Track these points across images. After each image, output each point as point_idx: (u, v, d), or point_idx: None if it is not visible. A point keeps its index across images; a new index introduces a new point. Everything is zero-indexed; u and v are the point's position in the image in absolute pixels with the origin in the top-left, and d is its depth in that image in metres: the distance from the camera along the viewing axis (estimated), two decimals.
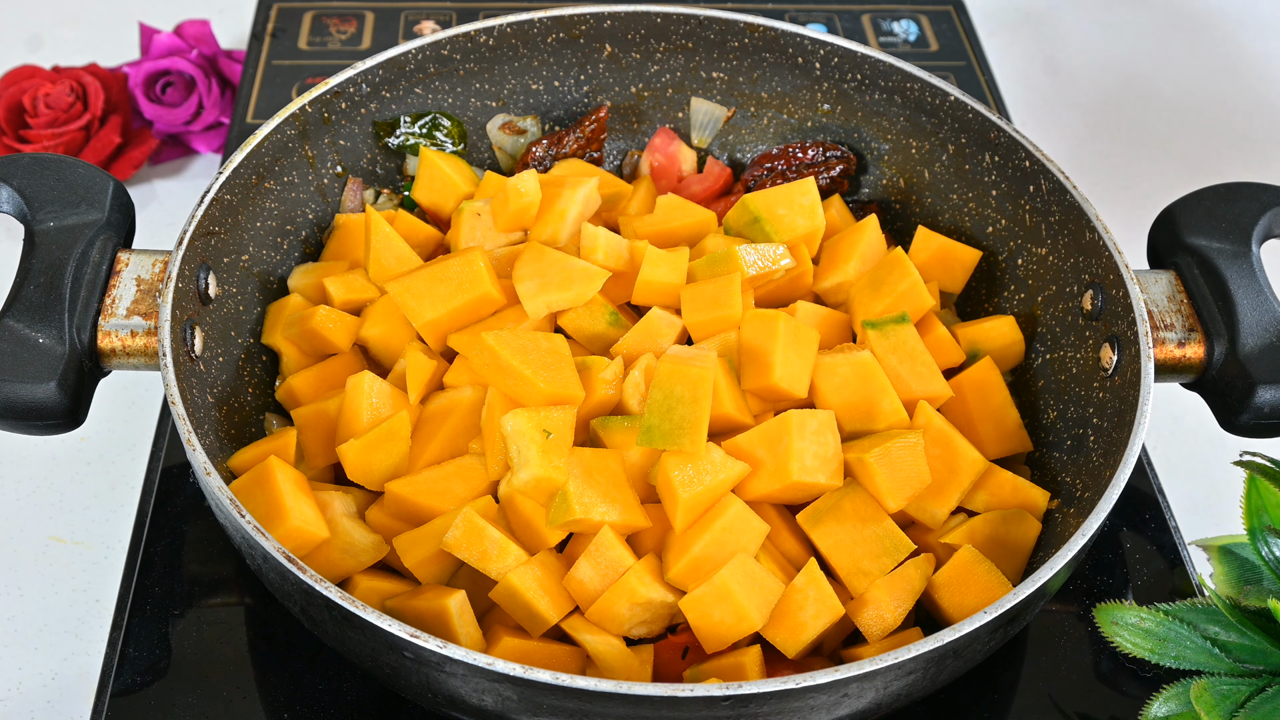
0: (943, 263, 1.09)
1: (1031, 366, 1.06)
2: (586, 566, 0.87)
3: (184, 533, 1.02)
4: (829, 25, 1.55)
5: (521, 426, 0.87)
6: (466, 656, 0.73)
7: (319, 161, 1.10)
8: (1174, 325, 0.98)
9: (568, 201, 1.02)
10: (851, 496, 0.90)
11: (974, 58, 1.52)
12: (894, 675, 0.76)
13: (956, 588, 0.89)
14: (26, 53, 1.55)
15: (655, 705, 0.73)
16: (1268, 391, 0.93)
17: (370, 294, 1.02)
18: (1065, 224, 1.03)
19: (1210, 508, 1.16)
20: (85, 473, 1.14)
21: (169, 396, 0.85)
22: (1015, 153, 1.07)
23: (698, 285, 0.97)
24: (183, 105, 1.40)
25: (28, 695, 0.99)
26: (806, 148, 1.17)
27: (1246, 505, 0.87)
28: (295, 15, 1.51)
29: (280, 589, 0.83)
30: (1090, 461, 0.94)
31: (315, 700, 0.94)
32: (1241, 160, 1.54)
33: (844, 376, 0.94)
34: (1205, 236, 1.01)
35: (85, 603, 1.05)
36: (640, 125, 1.23)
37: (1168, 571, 1.04)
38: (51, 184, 0.97)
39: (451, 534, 0.87)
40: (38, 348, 0.89)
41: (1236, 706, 0.81)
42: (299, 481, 0.89)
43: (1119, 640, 0.85)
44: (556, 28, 1.16)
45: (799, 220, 1.02)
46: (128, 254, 0.96)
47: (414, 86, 1.14)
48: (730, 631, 0.85)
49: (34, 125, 1.36)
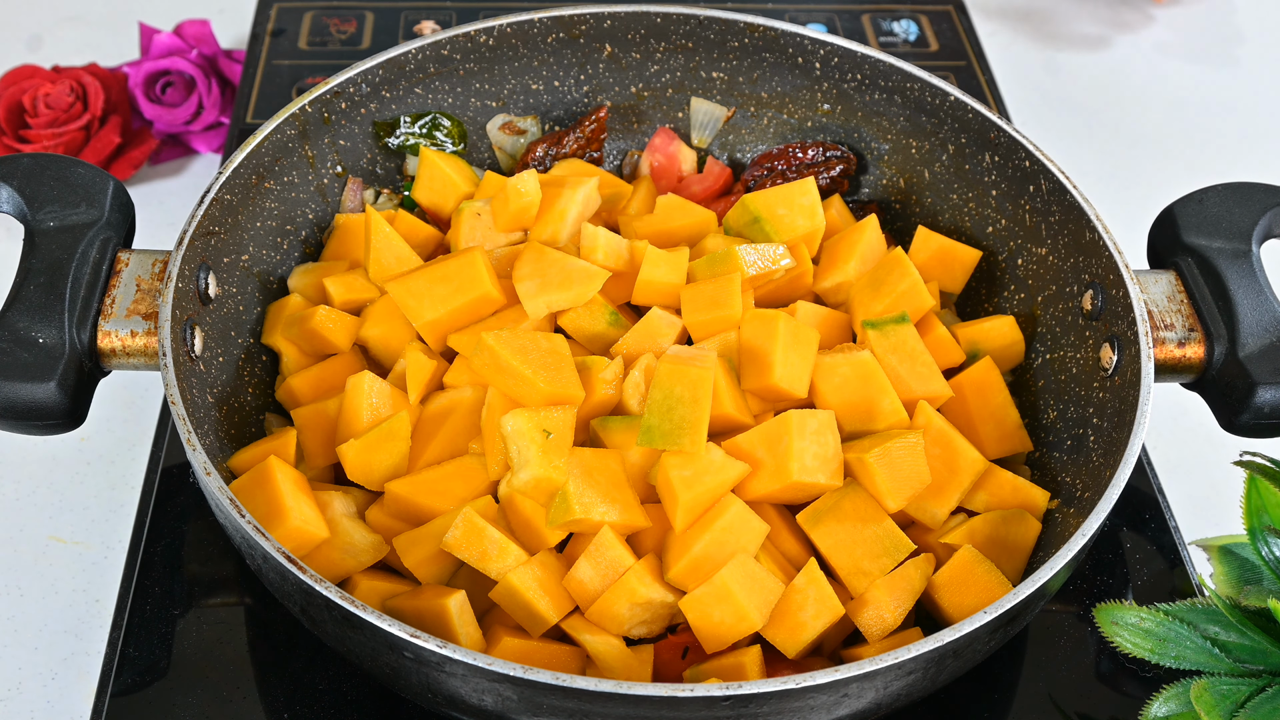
0: (943, 263, 1.09)
1: (1031, 366, 1.06)
2: (586, 566, 0.87)
3: (184, 533, 1.02)
4: (829, 25, 1.55)
5: (521, 426, 0.87)
6: (466, 656, 0.73)
7: (319, 161, 1.10)
8: (1174, 325, 0.98)
9: (568, 201, 1.02)
10: (851, 496, 0.90)
11: (974, 58, 1.52)
12: (894, 675, 0.76)
13: (956, 588, 0.89)
14: (26, 53, 1.55)
15: (655, 705, 0.73)
16: (1268, 391, 0.93)
17: (370, 294, 1.02)
18: (1065, 224, 1.03)
19: (1210, 508, 1.16)
20: (85, 473, 1.14)
21: (169, 396, 0.85)
22: (1015, 153, 1.07)
23: (698, 285, 0.97)
24: (183, 105, 1.40)
25: (28, 695, 0.99)
26: (806, 148, 1.17)
27: (1246, 505, 0.87)
28: (295, 15, 1.51)
29: (280, 589, 0.83)
30: (1090, 461, 0.94)
31: (315, 700, 0.94)
32: (1241, 160, 1.54)
33: (844, 376, 0.94)
34: (1205, 236, 1.01)
35: (85, 603, 1.05)
36: (640, 125, 1.23)
37: (1168, 571, 1.04)
38: (51, 184, 0.97)
39: (451, 534, 0.87)
40: (38, 347, 0.89)
41: (1236, 706, 0.81)
42: (299, 481, 0.89)
43: (1119, 640, 0.85)
44: (556, 28, 1.16)
45: (799, 220, 1.02)
46: (128, 254, 0.96)
47: (414, 86, 1.14)
48: (730, 631, 0.85)
49: (34, 125, 1.36)
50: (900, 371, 0.96)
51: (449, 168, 1.11)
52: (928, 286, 1.05)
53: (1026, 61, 1.65)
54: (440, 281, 0.95)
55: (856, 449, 0.91)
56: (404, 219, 1.08)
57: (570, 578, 0.87)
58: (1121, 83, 1.64)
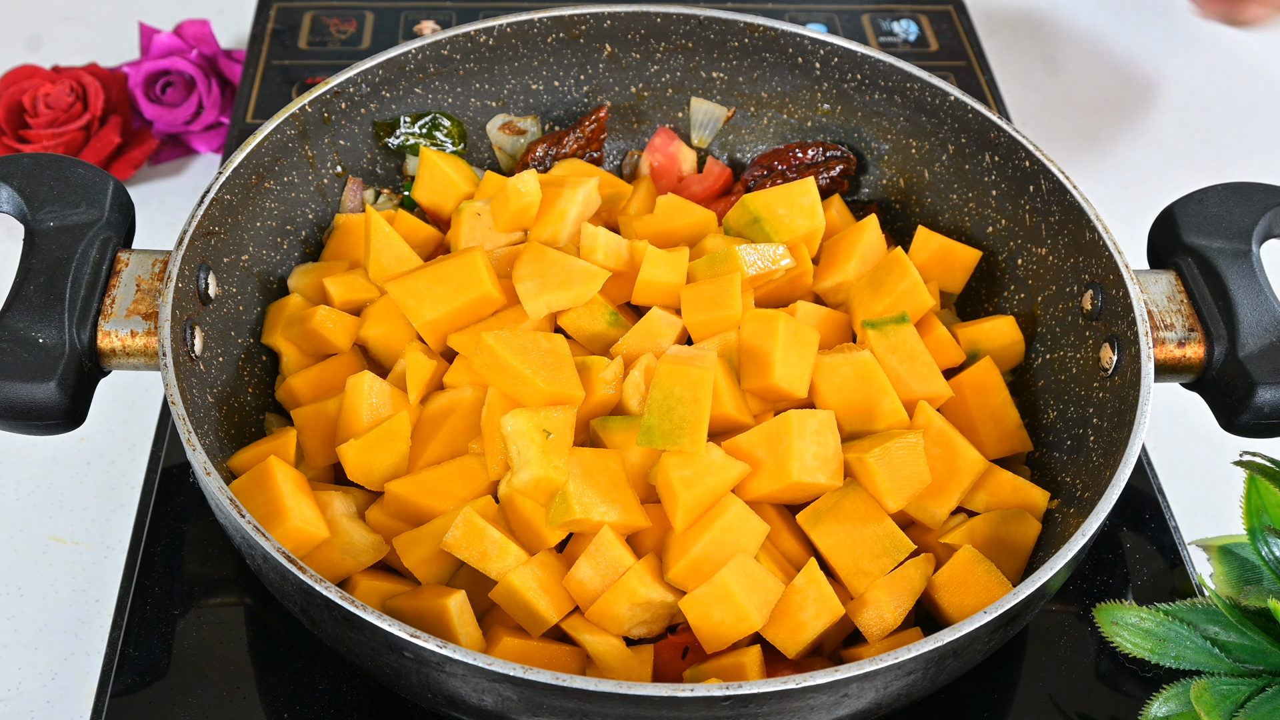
0: (943, 263, 1.09)
1: (1031, 366, 1.06)
2: (586, 566, 0.87)
3: (184, 533, 1.02)
4: (829, 25, 1.55)
5: (521, 426, 0.87)
6: (466, 657, 0.73)
7: (319, 161, 1.10)
8: (1174, 325, 0.98)
9: (568, 201, 1.02)
10: (851, 496, 0.90)
11: (974, 58, 1.52)
12: (894, 675, 0.76)
13: (956, 588, 0.89)
14: (26, 53, 1.55)
15: (655, 705, 0.73)
16: (1268, 391, 0.93)
17: (370, 294, 1.02)
18: (1065, 224, 1.03)
19: (1210, 508, 1.16)
20: (85, 473, 1.14)
21: (169, 396, 0.85)
22: (1015, 153, 1.07)
23: (698, 285, 0.97)
24: (183, 105, 1.40)
25: (28, 695, 0.99)
26: (806, 148, 1.17)
27: (1246, 505, 0.87)
28: (295, 15, 1.51)
29: (280, 589, 0.83)
30: (1090, 461, 0.94)
31: (315, 700, 0.94)
32: (1241, 160, 1.54)
33: (844, 376, 0.94)
34: (1205, 236, 1.01)
35: (85, 603, 1.05)
36: (640, 125, 1.23)
37: (1168, 571, 1.04)
38: (51, 184, 0.97)
39: (451, 534, 0.87)
40: (38, 347, 0.89)
41: (1236, 706, 0.81)
42: (299, 481, 0.89)
43: (1119, 640, 0.85)
44: (556, 28, 1.16)
45: (799, 220, 1.02)
46: (128, 254, 0.96)
47: (414, 86, 1.14)
48: (730, 631, 0.85)
49: (34, 125, 1.36)
50: (900, 371, 0.96)
51: (449, 168, 1.11)
52: (928, 286, 1.05)
53: (1026, 61, 1.65)
54: (440, 281, 0.95)
55: (856, 449, 0.91)
56: (404, 219, 1.08)
57: (570, 578, 0.87)
58: (1121, 83, 1.64)
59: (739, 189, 1.20)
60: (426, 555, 0.89)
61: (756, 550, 0.88)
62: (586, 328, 0.98)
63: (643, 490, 0.92)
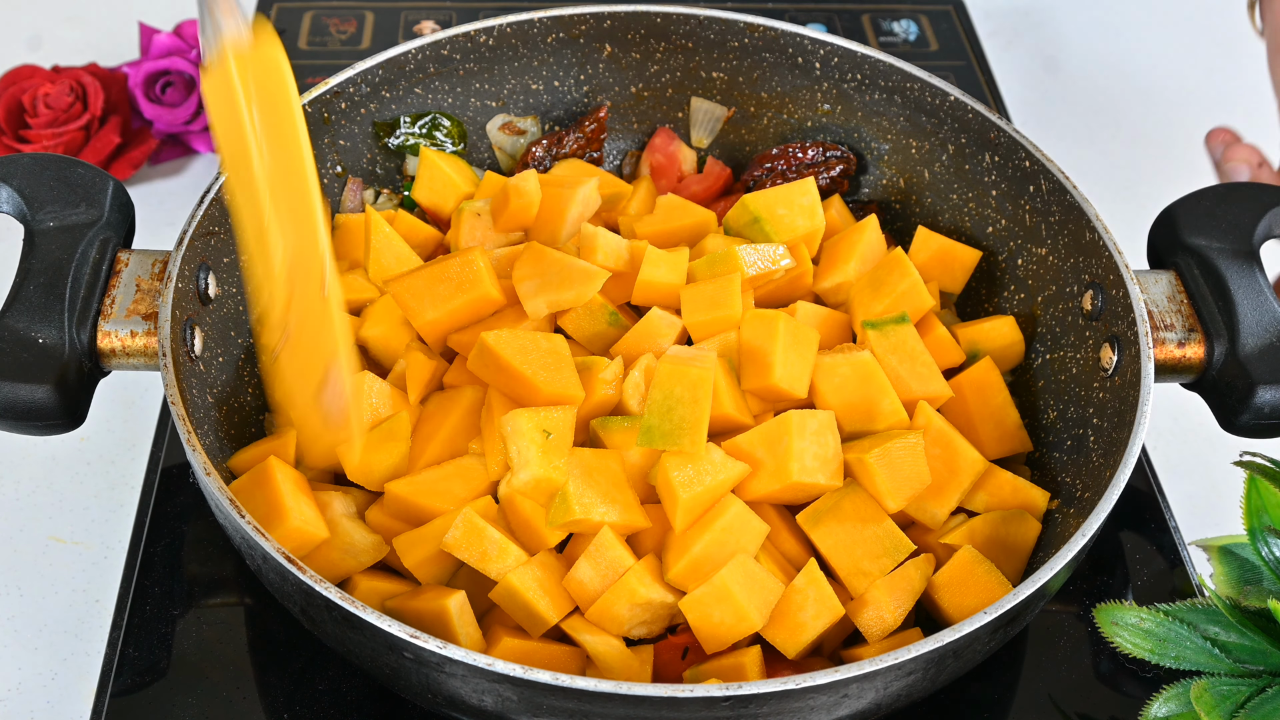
0: (943, 263, 1.09)
1: (1031, 366, 1.06)
2: (586, 567, 0.87)
3: (184, 533, 1.02)
4: (829, 25, 1.55)
5: (521, 426, 0.87)
6: (466, 657, 0.73)
7: (319, 161, 1.10)
8: (1174, 325, 0.98)
9: (568, 201, 1.02)
10: (851, 497, 0.90)
11: (974, 58, 1.52)
12: (894, 676, 0.76)
13: (956, 588, 0.89)
14: (26, 53, 1.54)
15: (655, 706, 0.73)
16: (1268, 392, 0.93)
17: (370, 294, 1.02)
18: (1065, 224, 1.03)
19: (1210, 508, 1.16)
20: (85, 473, 1.14)
21: (169, 396, 0.85)
22: (1015, 153, 1.07)
23: (698, 285, 0.97)
24: (183, 105, 1.40)
25: (28, 695, 0.99)
26: (806, 148, 1.17)
27: (1246, 505, 0.87)
28: (295, 15, 1.51)
29: (280, 589, 0.83)
30: (1090, 461, 0.94)
31: (315, 700, 0.94)
32: None
33: (844, 377, 0.94)
34: (1205, 236, 1.01)
35: (85, 603, 1.05)
36: (640, 125, 1.23)
37: (1168, 571, 1.04)
38: (51, 184, 0.97)
39: (451, 534, 0.87)
40: (38, 348, 0.89)
41: (1236, 707, 0.81)
42: (299, 482, 0.89)
43: (1119, 640, 0.85)
44: (556, 28, 1.16)
45: (799, 220, 1.02)
46: (128, 254, 0.96)
47: (414, 86, 1.14)
48: (730, 632, 0.85)
49: (34, 125, 1.36)
50: (900, 372, 0.96)
51: (449, 168, 1.11)
52: (928, 286, 1.05)
53: (1026, 61, 1.65)
54: (440, 281, 0.95)
55: (856, 449, 0.91)
56: (404, 219, 1.08)
57: (570, 578, 0.87)
58: (1122, 82, 1.64)
59: (739, 189, 1.20)
60: (426, 556, 0.89)
61: (756, 551, 0.88)
62: (586, 328, 0.98)
63: (643, 490, 0.92)
